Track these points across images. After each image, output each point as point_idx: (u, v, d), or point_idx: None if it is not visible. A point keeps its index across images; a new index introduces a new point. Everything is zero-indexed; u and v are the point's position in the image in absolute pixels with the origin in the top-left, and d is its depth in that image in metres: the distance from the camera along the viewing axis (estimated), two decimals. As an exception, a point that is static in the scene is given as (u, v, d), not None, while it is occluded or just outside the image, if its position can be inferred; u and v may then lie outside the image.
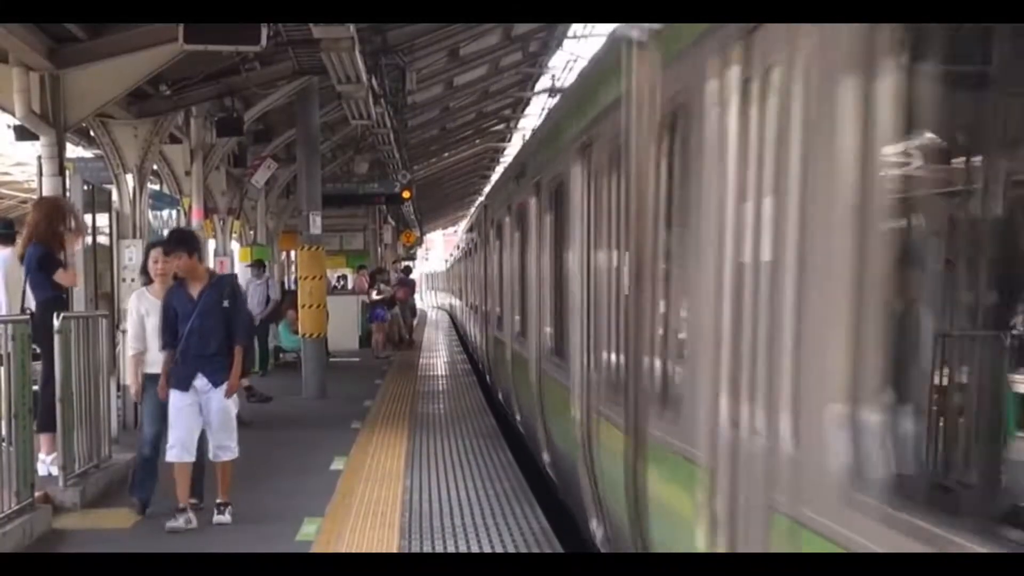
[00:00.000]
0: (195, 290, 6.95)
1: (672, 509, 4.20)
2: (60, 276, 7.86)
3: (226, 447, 7.02)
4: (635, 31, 4.70)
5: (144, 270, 7.51)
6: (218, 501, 7.06)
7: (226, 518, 7.00)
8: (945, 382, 2.52)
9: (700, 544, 3.69)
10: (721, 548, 3.53)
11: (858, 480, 2.61)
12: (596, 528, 5.73)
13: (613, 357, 5.24)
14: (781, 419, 3.03)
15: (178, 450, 6.93)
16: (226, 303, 6.94)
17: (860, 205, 2.61)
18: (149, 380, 7.15)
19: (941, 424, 2.57)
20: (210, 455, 7.09)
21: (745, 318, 3.36)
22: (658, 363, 4.40)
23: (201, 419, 6.97)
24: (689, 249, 4.00)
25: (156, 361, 7.10)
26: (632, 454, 4.68)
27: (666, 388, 4.31)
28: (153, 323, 7.12)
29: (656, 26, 4.43)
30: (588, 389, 5.88)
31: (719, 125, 3.58)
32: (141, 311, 7.22)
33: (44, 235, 7.84)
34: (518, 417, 10.37)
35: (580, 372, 6.09)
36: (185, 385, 6.92)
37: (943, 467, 2.56)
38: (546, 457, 8.08)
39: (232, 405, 7.08)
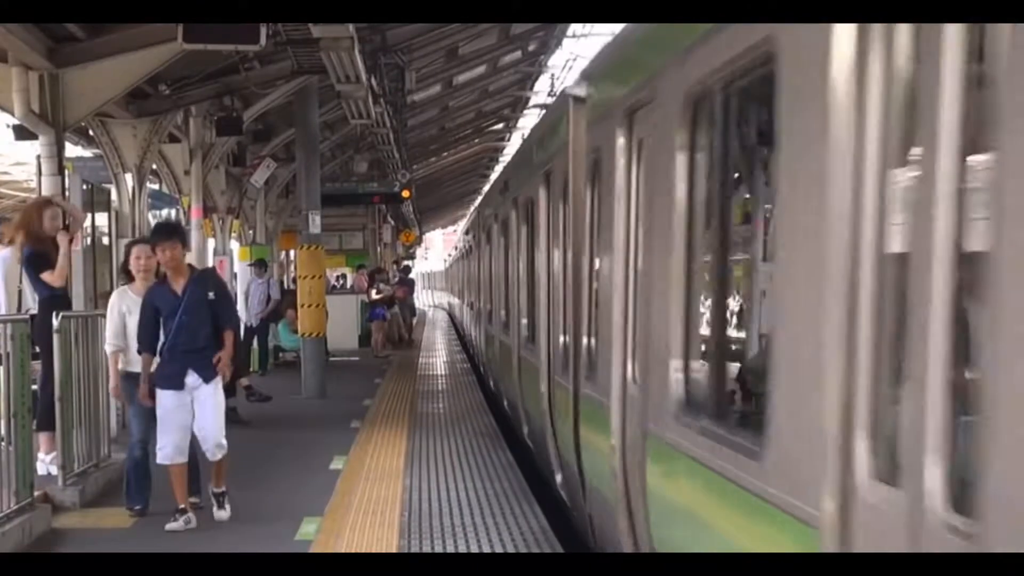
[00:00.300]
0: (179, 286, 6.83)
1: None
2: (46, 275, 7.85)
3: (221, 445, 6.96)
4: (575, 90, 6.28)
5: (124, 268, 7.37)
6: (215, 491, 7.02)
7: (226, 512, 6.98)
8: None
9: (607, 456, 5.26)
10: (617, 458, 5.08)
11: (684, 407, 4.14)
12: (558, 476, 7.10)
13: (552, 336, 7.43)
14: (648, 373, 4.62)
15: (171, 452, 6.85)
16: (211, 295, 6.86)
17: (682, 230, 4.17)
18: (132, 380, 7.03)
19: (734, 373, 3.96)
20: (208, 456, 7.02)
21: (630, 306, 5.07)
22: (580, 338, 6.27)
23: (191, 418, 6.87)
24: (601, 257, 5.73)
25: (138, 360, 7.01)
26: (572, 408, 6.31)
27: (588, 357, 6.03)
28: (135, 321, 7.01)
29: (583, 92, 6.13)
30: (550, 364, 7.65)
31: (612, 172, 5.29)
32: (122, 308, 7.09)
33: (33, 235, 7.89)
34: (499, 387, 11.93)
35: (542, 349, 7.91)
36: (176, 383, 6.79)
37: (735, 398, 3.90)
38: (525, 428, 9.01)
39: (223, 400, 7.04)
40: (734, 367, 4.01)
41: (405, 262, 33.46)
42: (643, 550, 4.70)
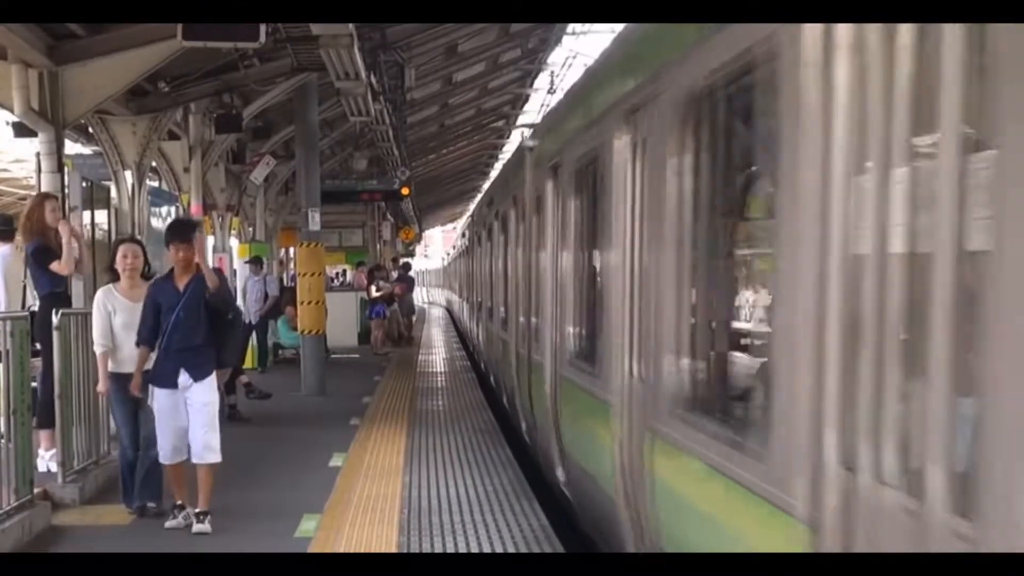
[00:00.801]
0: (182, 283, 6.74)
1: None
2: (55, 266, 7.82)
3: (212, 448, 6.73)
4: (528, 143, 8.88)
5: (111, 267, 7.19)
6: (198, 511, 6.75)
7: (206, 527, 6.67)
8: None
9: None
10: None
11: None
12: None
13: (519, 323, 9.57)
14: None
15: (169, 452, 6.75)
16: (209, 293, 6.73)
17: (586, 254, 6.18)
18: (118, 380, 6.91)
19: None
20: (193, 457, 6.80)
21: (550, 298, 7.45)
22: (531, 327, 8.47)
23: (187, 417, 6.72)
24: (541, 268, 8.08)
25: (124, 360, 6.90)
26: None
27: (561, 344, 7.25)
28: (121, 321, 6.89)
29: (532, 145, 8.63)
30: (518, 341, 9.41)
31: (544, 206, 7.74)
32: (108, 308, 6.95)
33: (35, 230, 7.90)
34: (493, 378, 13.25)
35: (515, 332, 9.73)
36: (170, 382, 6.67)
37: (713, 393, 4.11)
38: (524, 424, 9.42)
39: (217, 400, 6.88)
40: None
41: (404, 259, 33.45)
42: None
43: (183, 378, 6.70)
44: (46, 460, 7.72)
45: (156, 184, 14.14)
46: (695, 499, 3.95)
